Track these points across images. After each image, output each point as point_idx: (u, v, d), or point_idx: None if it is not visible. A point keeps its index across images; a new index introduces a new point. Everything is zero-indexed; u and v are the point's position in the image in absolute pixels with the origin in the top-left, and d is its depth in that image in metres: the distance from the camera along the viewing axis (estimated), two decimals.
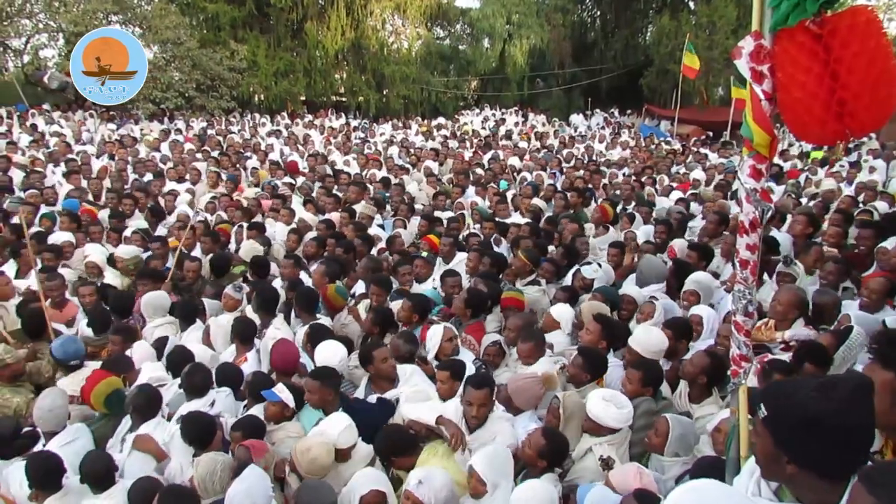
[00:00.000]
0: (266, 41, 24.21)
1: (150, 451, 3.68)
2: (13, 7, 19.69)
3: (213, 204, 8.84)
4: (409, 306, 5.02)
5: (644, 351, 3.97)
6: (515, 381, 3.72)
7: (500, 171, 11.44)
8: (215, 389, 4.08)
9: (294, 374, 4.27)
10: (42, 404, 3.87)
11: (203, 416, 3.60)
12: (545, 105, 28.05)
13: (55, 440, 3.73)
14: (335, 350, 4.17)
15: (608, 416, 3.30)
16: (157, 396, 3.98)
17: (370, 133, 18.65)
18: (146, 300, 5.44)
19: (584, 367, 3.82)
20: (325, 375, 3.79)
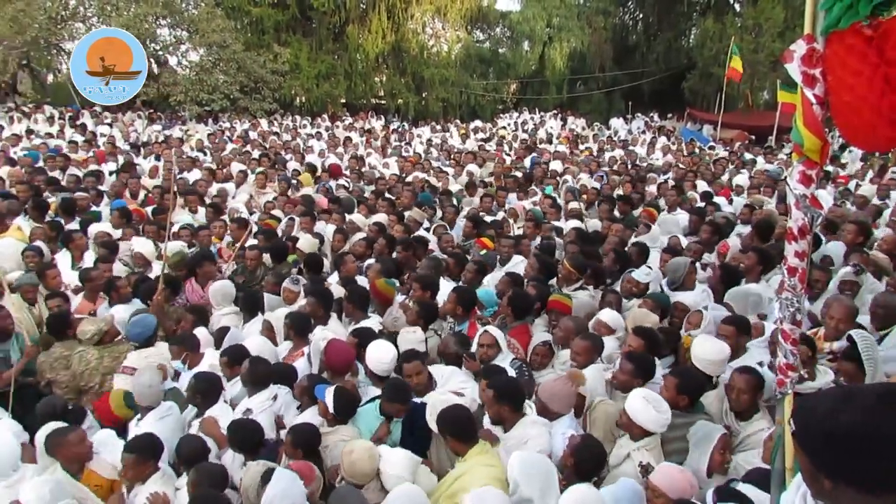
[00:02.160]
0: (308, 44, 24.59)
1: (213, 436, 3.80)
2: (67, 11, 20.40)
3: (271, 204, 9.07)
4: (453, 298, 5.06)
5: (700, 361, 3.88)
6: (545, 388, 3.67)
7: (543, 175, 11.39)
8: (278, 385, 4.13)
9: (347, 373, 4.30)
10: (141, 381, 4.07)
11: (249, 423, 3.67)
12: (585, 109, 27.81)
13: (151, 414, 3.97)
14: (386, 350, 4.16)
15: (646, 417, 3.26)
16: (219, 382, 4.14)
17: (409, 136, 18.77)
18: (215, 288, 5.65)
19: (633, 373, 3.75)
20: (398, 389, 3.80)
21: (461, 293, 5.15)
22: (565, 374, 3.71)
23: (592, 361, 4.09)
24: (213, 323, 5.46)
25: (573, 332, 4.36)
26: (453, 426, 3.35)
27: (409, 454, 3.39)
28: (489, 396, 3.59)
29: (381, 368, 4.12)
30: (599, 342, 4.23)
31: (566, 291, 5.46)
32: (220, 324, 5.34)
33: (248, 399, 4.03)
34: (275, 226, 7.93)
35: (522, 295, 5.04)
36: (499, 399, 3.52)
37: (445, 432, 3.37)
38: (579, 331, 4.36)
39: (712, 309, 4.90)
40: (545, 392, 3.63)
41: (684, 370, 3.73)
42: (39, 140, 13.99)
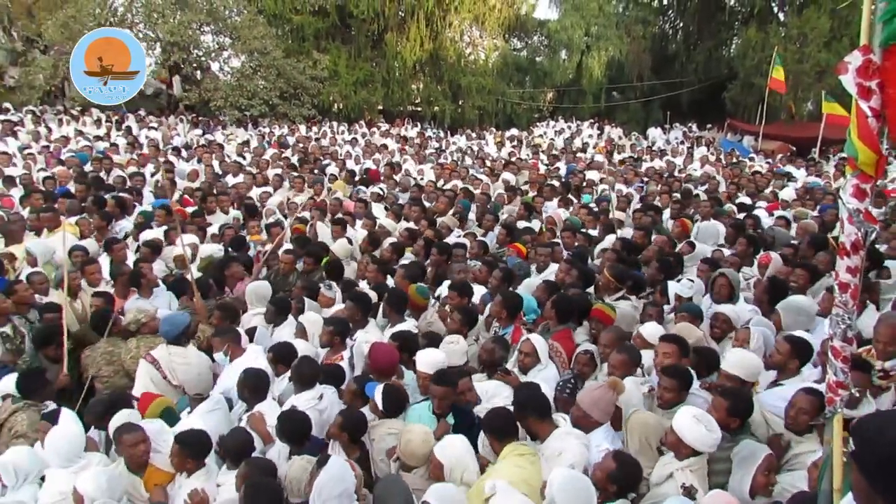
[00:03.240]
0: (347, 51, 24.89)
1: (259, 431, 3.87)
2: (115, 17, 21.00)
3: (295, 205, 9.19)
4: (500, 302, 5.08)
5: (740, 371, 3.80)
6: (586, 395, 3.62)
7: (580, 184, 11.33)
8: (324, 385, 4.20)
9: (393, 375, 4.35)
10: (190, 371, 4.21)
11: (298, 414, 3.74)
12: (622, 118, 27.57)
13: (201, 407, 4.07)
14: (436, 357, 4.21)
15: (696, 436, 3.14)
16: (267, 378, 4.22)
17: (445, 143, 18.83)
18: (251, 288, 5.75)
19: (676, 387, 3.68)
20: (444, 379, 3.86)
21: (507, 297, 5.16)
22: (606, 382, 3.66)
23: (630, 374, 4.03)
24: (243, 322, 5.55)
25: (615, 343, 4.31)
26: (490, 423, 3.45)
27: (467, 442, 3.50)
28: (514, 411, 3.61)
29: None
30: (637, 355, 4.17)
31: (607, 301, 5.40)
32: (251, 324, 5.46)
33: (295, 397, 4.10)
34: (304, 230, 8.04)
35: (567, 299, 5.03)
36: (520, 409, 3.54)
37: (486, 430, 3.46)
38: (621, 342, 4.31)
39: (756, 324, 4.79)
40: (586, 399, 3.59)
41: (736, 391, 3.58)
42: (86, 142, 14.43)
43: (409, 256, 7.16)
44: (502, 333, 4.96)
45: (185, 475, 3.59)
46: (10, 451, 3.63)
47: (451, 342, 4.52)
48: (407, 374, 4.49)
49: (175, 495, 3.56)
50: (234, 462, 3.55)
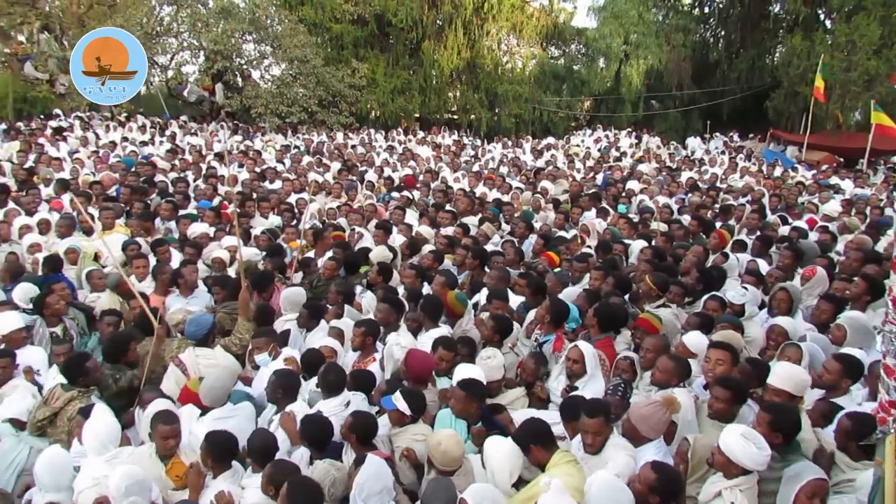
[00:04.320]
0: (385, 60, 25.09)
1: (289, 431, 3.92)
2: (162, 26, 21.56)
3: (333, 211, 9.28)
4: (546, 306, 5.07)
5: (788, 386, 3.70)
6: (638, 408, 3.58)
7: (617, 193, 11.21)
8: (351, 392, 4.22)
9: (427, 382, 4.38)
10: (205, 383, 4.26)
11: (323, 420, 3.77)
12: (661, 127, 27.19)
13: (211, 414, 4.11)
14: (475, 373, 4.20)
15: (745, 454, 3.04)
16: (297, 379, 4.29)
17: (481, 151, 18.83)
18: (285, 294, 5.81)
19: (730, 399, 3.57)
20: (473, 388, 3.87)
21: (555, 302, 5.14)
22: (660, 399, 3.58)
23: (673, 384, 3.95)
24: (276, 328, 5.61)
25: (660, 350, 4.23)
26: (535, 431, 3.40)
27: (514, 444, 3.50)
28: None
29: None
30: (687, 367, 4.08)
31: (648, 309, 5.32)
32: (283, 328, 5.56)
33: (322, 403, 4.13)
34: (343, 236, 8.11)
35: (609, 307, 4.99)
36: (524, 439, 3.49)
37: (529, 442, 3.39)
38: (665, 350, 4.23)
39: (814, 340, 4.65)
40: (636, 414, 3.54)
41: (780, 406, 3.46)
42: (132, 148, 14.84)
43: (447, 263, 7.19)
44: (543, 341, 4.93)
45: (212, 476, 3.64)
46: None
47: (488, 357, 4.49)
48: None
49: (202, 496, 3.61)
50: (258, 464, 3.58)
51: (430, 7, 24.73)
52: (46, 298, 5.61)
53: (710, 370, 3.99)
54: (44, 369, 4.96)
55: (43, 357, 5.05)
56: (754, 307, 5.37)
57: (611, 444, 3.44)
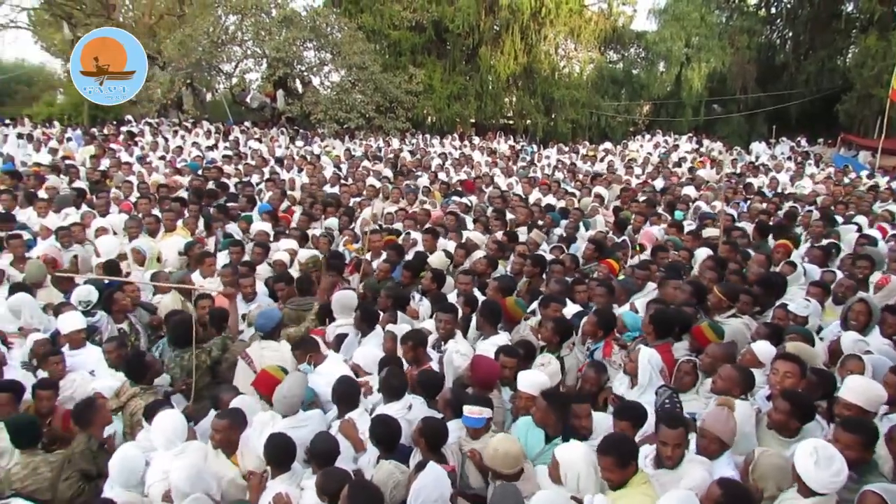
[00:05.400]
0: (442, 66, 25.30)
1: (350, 438, 3.98)
2: (227, 35, 22.31)
3: (391, 215, 9.40)
4: (594, 321, 5.02)
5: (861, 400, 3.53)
6: (716, 419, 3.44)
7: (675, 199, 10.95)
8: (412, 395, 4.26)
9: (492, 388, 4.37)
10: (279, 390, 4.28)
11: (392, 421, 3.81)
12: (723, 132, 26.38)
13: (283, 422, 4.15)
14: (539, 379, 4.21)
15: (816, 479, 2.90)
16: (358, 386, 4.34)
17: (537, 157, 18.71)
18: (337, 298, 5.86)
19: (793, 414, 3.45)
20: (555, 398, 3.86)
21: (602, 314, 5.12)
22: (721, 402, 3.48)
23: (735, 394, 3.82)
24: (328, 332, 5.72)
25: (721, 359, 4.11)
26: (616, 447, 3.24)
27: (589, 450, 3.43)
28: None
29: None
30: (750, 377, 3.95)
31: (718, 319, 5.17)
32: (336, 333, 5.64)
33: (384, 407, 4.17)
34: (395, 240, 8.17)
35: (665, 314, 4.92)
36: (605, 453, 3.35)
37: (608, 453, 3.25)
38: (728, 359, 4.10)
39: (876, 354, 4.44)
40: (717, 425, 3.39)
41: (866, 424, 3.29)
42: (197, 152, 15.40)
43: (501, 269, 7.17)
44: (594, 349, 4.88)
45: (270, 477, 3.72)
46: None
47: (544, 363, 4.47)
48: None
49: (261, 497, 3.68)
50: (319, 466, 3.63)
51: (488, 13, 24.79)
52: (114, 295, 5.87)
53: (778, 382, 3.85)
54: (103, 367, 5.12)
55: (101, 356, 5.22)
56: (817, 319, 5.18)
57: (687, 458, 3.34)
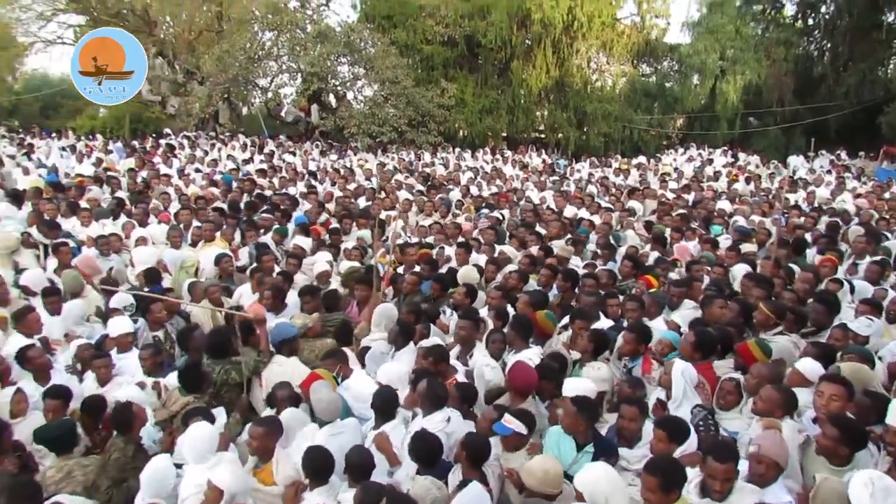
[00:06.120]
0: (474, 80, 25.47)
1: (385, 452, 4.00)
2: (263, 51, 22.79)
3: (424, 228, 9.44)
4: (631, 337, 4.97)
5: None
6: (771, 442, 3.34)
7: (710, 214, 10.79)
8: (450, 408, 4.26)
9: (529, 396, 4.38)
10: (320, 396, 4.33)
11: (432, 437, 3.80)
12: (759, 145, 25.93)
13: (324, 429, 4.21)
14: (586, 386, 4.21)
15: None
16: (395, 398, 4.36)
17: (569, 170, 18.63)
18: (379, 310, 5.86)
19: (841, 439, 3.32)
20: (585, 405, 3.85)
21: (639, 329, 5.06)
22: (767, 424, 3.40)
23: (777, 416, 3.72)
24: (363, 343, 5.77)
25: (767, 378, 4.00)
26: (663, 469, 3.13)
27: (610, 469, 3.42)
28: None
29: None
30: (792, 398, 3.84)
31: (764, 337, 5.07)
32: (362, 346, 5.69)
33: (423, 419, 4.17)
34: (430, 253, 8.18)
35: (707, 332, 4.83)
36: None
37: (654, 474, 3.14)
38: (774, 379, 4.00)
39: None
40: (774, 447, 3.28)
41: None
42: (233, 165, 15.71)
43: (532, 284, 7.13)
44: (631, 366, 4.81)
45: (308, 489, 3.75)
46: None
47: (595, 368, 4.44)
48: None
49: None
50: (354, 480, 3.64)
51: (520, 27, 24.89)
52: (151, 305, 6.02)
53: (823, 405, 3.72)
54: (139, 374, 5.26)
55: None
56: (877, 339, 5.02)
57: (737, 486, 3.23)
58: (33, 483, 3.72)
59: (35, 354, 5.05)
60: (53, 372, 5.16)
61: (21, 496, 3.53)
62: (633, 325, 5.23)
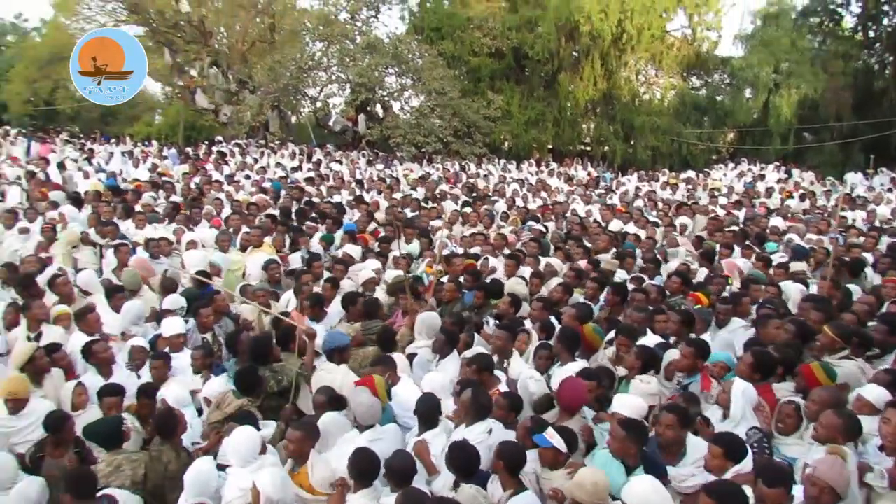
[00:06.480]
0: (520, 92, 25.43)
1: (423, 461, 3.99)
2: (313, 61, 23.25)
3: (469, 239, 9.44)
4: (690, 353, 4.85)
5: None
6: (828, 470, 3.22)
7: (761, 231, 10.49)
8: (492, 420, 4.24)
9: (578, 412, 4.31)
10: (360, 400, 4.36)
11: (471, 448, 3.78)
12: (814, 161, 25.16)
13: (364, 434, 4.24)
14: (637, 403, 4.15)
15: None
16: (438, 406, 4.35)
17: (615, 183, 18.42)
18: (421, 319, 5.91)
19: None
20: (634, 427, 3.78)
21: (698, 346, 4.92)
22: (833, 451, 3.27)
23: (838, 442, 3.57)
24: (407, 352, 5.77)
25: (827, 403, 3.85)
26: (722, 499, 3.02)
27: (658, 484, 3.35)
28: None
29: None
30: (855, 424, 3.68)
31: (829, 361, 4.90)
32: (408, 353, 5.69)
33: (465, 429, 4.14)
34: (474, 264, 8.17)
35: (767, 353, 4.69)
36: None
37: (710, 499, 3.04)
38: (835, 404, 3.85)
39: None
40: (830, 471, 3.17)
41: None
42: (282, 172, 16.02)
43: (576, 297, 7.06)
44: (687, 383, 4.69)
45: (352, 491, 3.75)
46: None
47: (644, 382, 4.35)
48: None
49: None
50: (395, 485, 3.65)
51: (568, 39, 24.75)
52: (201, 308, 6.20)
53: (890, 434, 3.54)
54: (189, 372, 5.48)
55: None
56: None
57: None
58: (92, 475, 3.88)
59: (100, 349, 5.35)
60: (115, 367, 5.41)
61: (81, 487, 3.69)
62: (693, 340, 5.10)
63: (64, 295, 6.46)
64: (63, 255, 8.02)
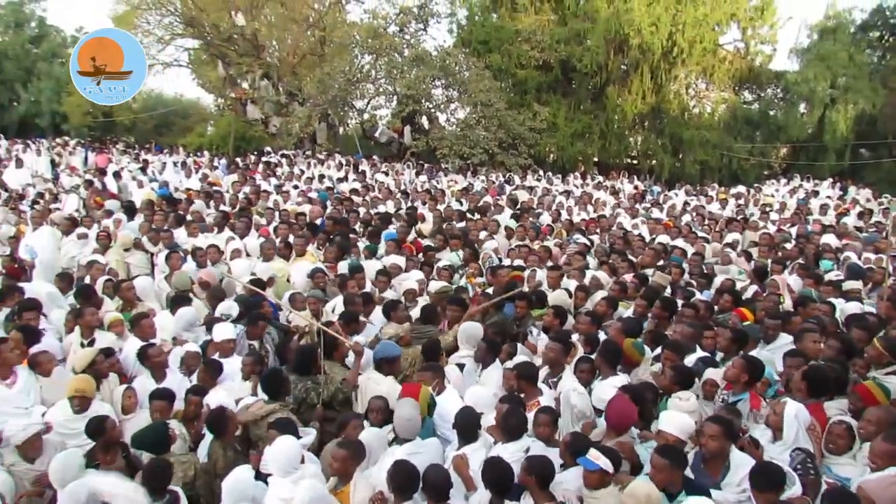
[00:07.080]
0: (567, 104, 25.29)
1: (462, 475, 3.98)
2: (361, 73, 23.62)
3: (514, 251, 9.47)
4: (741, 365, 4.75)
5: None
6: (878, 490, 3.15)
7: (818, 248, 10.19)
8: (532, 438, 4.22)
9: (626, 432, 4.25)
10: (401, 413, 4.39)
11: (505, 464, 3.77)
12: (871, 178, 24.30)
13: (404, 447, 4.25)
14: (685, 421, 4.08)
15: None
16: (477, 420, 4.34)
17: (662, 197, 18.14)
18: (463, 329, 5.94)
19: None
20: (675, 455, 3.70)
21: (750, 361, 4.81)
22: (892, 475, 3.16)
23: None
24: (451, 360, 5.84)
25: (885, 424, 3.73)
26: None
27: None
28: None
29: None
30: None
31: (876, 376, 4.74)
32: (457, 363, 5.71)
33: (502, 446, 4.13)
34: (521, 276, 8.15)
35: (821, 370, 4.55)
36: None
37: None
38: (891, 424, 3.72)
39: None
40: (878, 489, 3.15)
41: None
42: (329, 183, 16.29)
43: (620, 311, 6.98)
44: (733, 401, 4.58)
45: None
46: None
47: (684, 398, 4.27)
48: None
49: None
50: (432, 499, 3.66)
51: (617, 52, 24.56)
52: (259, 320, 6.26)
53: None
54: (238, 378, 5.57)
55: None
56: None
57: None
58: (170, 467, 4.08)
59: (154, 353, 5.55)
60: (168, 371, 5.58)
61: (156, 480, 3.96)
62: (747, 355, 4.98)
63: (127, 300, 6.85)
64: (116, 261, 8.37)
